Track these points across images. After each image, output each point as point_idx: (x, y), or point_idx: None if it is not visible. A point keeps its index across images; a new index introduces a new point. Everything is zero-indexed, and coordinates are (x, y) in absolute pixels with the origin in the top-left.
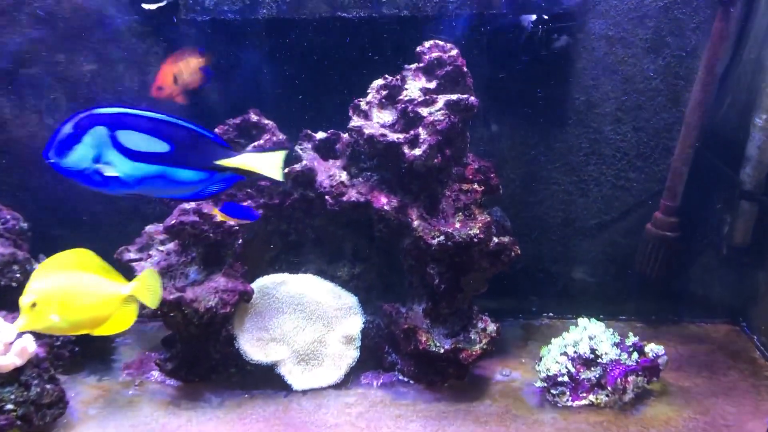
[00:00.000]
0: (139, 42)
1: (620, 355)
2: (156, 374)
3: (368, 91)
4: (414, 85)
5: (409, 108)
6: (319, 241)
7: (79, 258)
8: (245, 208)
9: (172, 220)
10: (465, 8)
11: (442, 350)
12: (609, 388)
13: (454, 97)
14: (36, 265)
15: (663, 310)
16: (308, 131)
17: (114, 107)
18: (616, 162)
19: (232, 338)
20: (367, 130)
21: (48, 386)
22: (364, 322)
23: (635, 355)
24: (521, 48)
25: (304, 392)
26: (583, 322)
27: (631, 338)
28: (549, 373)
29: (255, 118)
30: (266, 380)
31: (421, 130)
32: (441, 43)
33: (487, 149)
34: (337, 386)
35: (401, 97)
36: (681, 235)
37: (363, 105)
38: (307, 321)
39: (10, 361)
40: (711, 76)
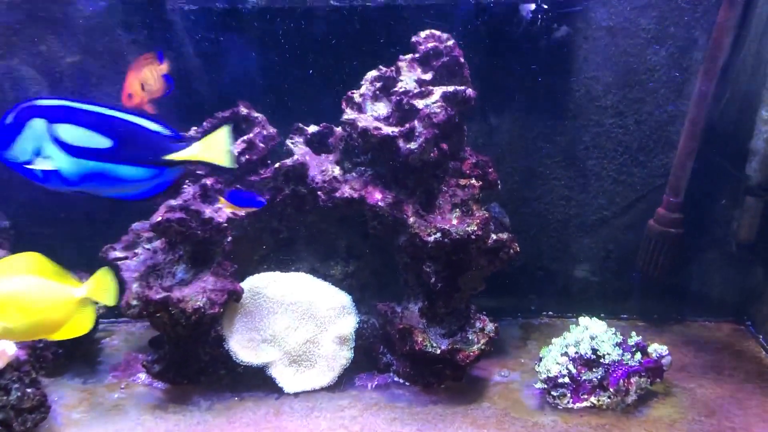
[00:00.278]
0: (125, 32)
1: (623, 356)
2: (143, 376)
3: (362, 82)
4: (409, 77)
5: (405, 100)
6: (311, 239)
7: (29, 262)
8: (251, 196)
9: (158, 217)
10: None
11: (438, 351)
12: (611, 389)
13: (450, 88)
14: None
15: (666, 309)
16: (300, 125)
17: (56, 99)
18: (617, 156)
19: (222, 339)
20: (361, 123)
21: (29, 390)
22: (358, 322)
23: (638, 356)
24: (520, 38)
25: (296, 395)
26: (584, 321)
27: (634, 338)
28: (549, 374)
29: (245, 111)
30: (257, 382)
31: (416, 123)
32: (437, 32)
33: (484, 143)
34: (330, 388)
35: (396, 89)
36: (684, 232)
37: (356, 97)
38: (299, 321)
39: None
40: (716, 66)
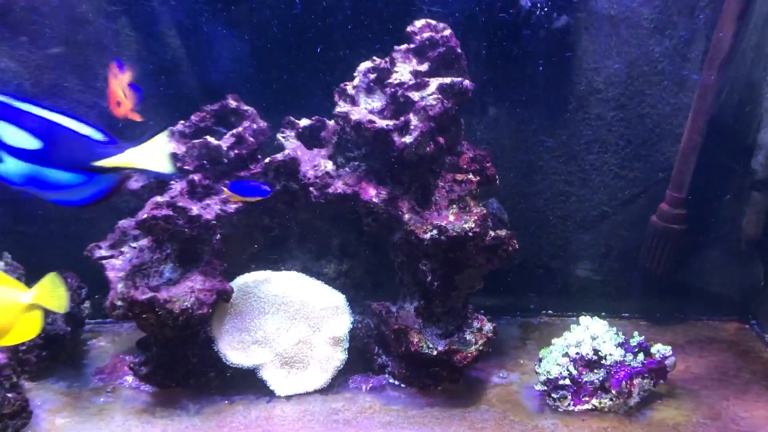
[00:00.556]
0: (109, 23)
1: (625, 356)
2: (130, 379)
3: (355, 74)
4: (404, 68)
5: (399, 92)
6: (303, 236)
7: None
8: (255, 185)
9: (143, 214)
10: None
11: (435, 352)
12: (613, 391)
13: (447, 80)
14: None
15: (668, 308)
16: (291, 118)
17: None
18: (619, 150)
19: (211, 341)
20: (354, 117)
21: (9, 395)
22: (352, 322)
23: (641, 356)
24: (519, 28)
25: (288, 398)
26: (585, 320)
27: (636, 338)
28: (549, 376)
29: (234, 104)
30: (248, 385)
31: (412, 116)
32: (433, 22)
33: (482, 137)
34: (323, 391)
35: (390, 81)
36: (688, 228)
37: (350, 89)
38: (291, 321)
39: None
40: (721, 57)
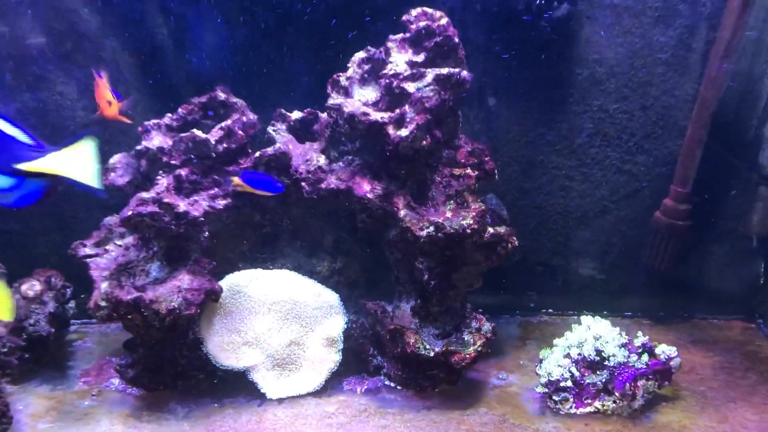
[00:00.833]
0: (95, 14)
1: (629, 357)
2: (116, 382)
3: (348, 64)
4: (399, 58)
5: (395, 83)
6: (295, 233)
7: None
8: (269, 179)
9: (128, 210)
10: None
11: (432, 353)
12: (617, 393)
13: (444, 71)
14: None
15: (672, 306)
16: (282, 110)
17: None
18: (621, 144)
19: (200, 342)
20: (348, 109)
21: None
22: (346, 322)
23: (645, 357)
24: (518, 17)
25: (280, 401)
26: (586, 320)
27: (640, 338)
28: (550, 378)
29: (222, 96)
30: (238, 387)
31: (407, 108)
32: (429, 10)
33: (481, 130)
34: (316, 394)
35: (385, 72)
36: (692, 224)
37: (343, 80)
38: (283, 322)
39: None
40: (729, 47)
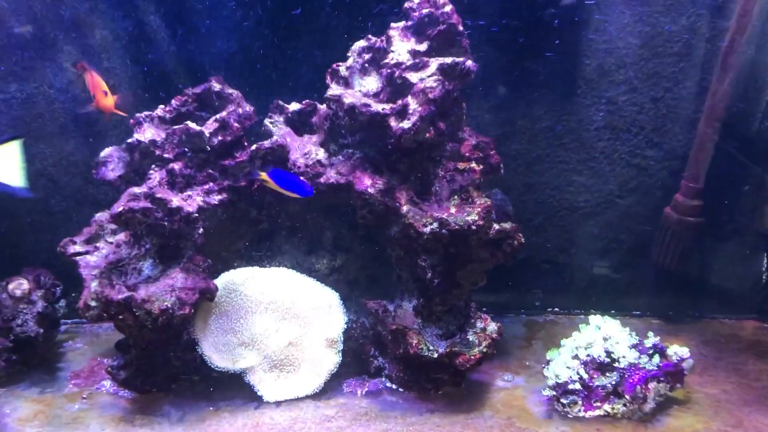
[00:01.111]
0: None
1: (639, 359)
2: (108, 384)
3: (349, 54)
4: (402, 47)
5: (396, 73)
6: (294, 230)
7: None
8: (297, 180)
9: (119, 206)
10: None
11: (435, 354)
12: (627, 396)
13: (448, 60)
14: None
15: (682, 305)
16: (280, 102)
17: None
18: (631, 137)
19: (194, 343)
20: (348, 100)
21: None
22: (346, 322)
23: (656, 358)
24: (524, 5)
25: (278, 403)
26: (595, 320)
27: (651, 338)
28: (558, 380)
29: (218, 87)
30: (234, 390)
31: (410, 99)
32: None
33: (485, 122)
34: (315, 396)
35: (387, 61)
36: (704, 220)
37: (343, 70)
38: (281, 322)
39: None
40: (743, 36)
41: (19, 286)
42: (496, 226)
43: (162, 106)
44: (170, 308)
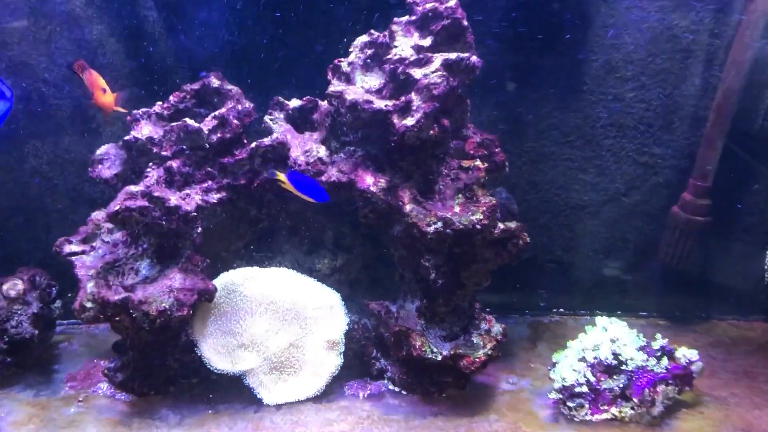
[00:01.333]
0: None
1: (647, 361)
2: (104, 387)
3: (351, 49)
4: (405, 42)
5: (400, 69)
6: (294, 229)
7: None
8: (315, 185)
9: (115, 205)
10: None
11: (439, 357)
12: (635, 399)
13: (452, 56)
14: None
15: (690, 306)
16: (280, 98)
17: None
18: (638, 135)
19: (193, 344)
20: (350, 96)
21: None
22: (347, 323)
23: (665, 361)
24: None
25: (278, 407)
26: (602, 321)
27: (659, 340)
28: (565, 383)
29: (216, 83)
30: (233, 393)
31: (413, 95)
32: None
33: (489, 120)
34: (316, 399)
35: (390, 57)
36: (712, 220)
37: (345, 66)
38: (281, 323)
39: None
40: (755, 32)
41: (14, 286)
42: (501, 225)
43: (159, 103)
44: (168, 309)
